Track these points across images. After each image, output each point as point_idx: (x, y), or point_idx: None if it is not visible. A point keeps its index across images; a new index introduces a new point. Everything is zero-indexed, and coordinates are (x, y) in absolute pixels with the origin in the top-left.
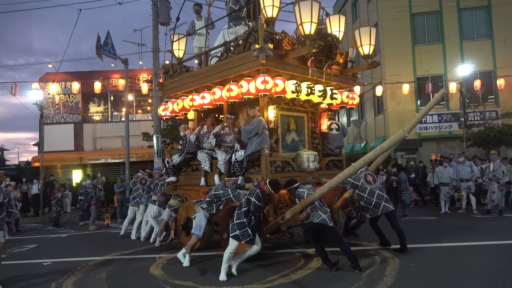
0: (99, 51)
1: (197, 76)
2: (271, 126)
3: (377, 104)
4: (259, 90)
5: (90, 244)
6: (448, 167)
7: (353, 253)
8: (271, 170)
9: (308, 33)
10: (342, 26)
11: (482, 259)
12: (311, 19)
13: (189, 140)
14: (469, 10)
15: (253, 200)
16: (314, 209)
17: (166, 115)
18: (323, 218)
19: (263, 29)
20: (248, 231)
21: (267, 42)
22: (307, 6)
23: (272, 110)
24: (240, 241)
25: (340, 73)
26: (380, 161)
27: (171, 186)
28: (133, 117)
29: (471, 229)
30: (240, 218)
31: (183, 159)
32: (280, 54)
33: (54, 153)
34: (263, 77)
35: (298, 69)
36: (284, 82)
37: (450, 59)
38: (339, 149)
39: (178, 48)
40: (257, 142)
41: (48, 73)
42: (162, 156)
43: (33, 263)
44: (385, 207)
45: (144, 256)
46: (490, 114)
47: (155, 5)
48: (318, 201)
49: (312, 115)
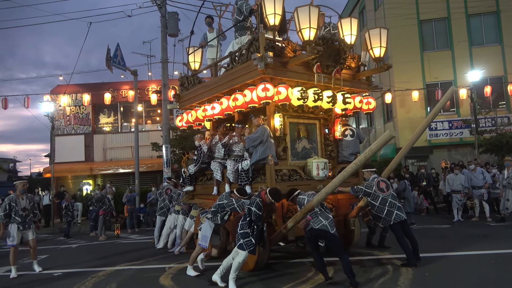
0: (109, 63)
1: (208, 87)
2: (277, 134)
3: (386, 111)
4: (260, 98)
5: (100, 254)
6: (459, 174)
7: (351, 268)
8: (276, 179)
9: (307, 39)
10: (354, 29)
11: (496, 269)
12: (309, 25)
13: (203, 150)
14: (478, 16)
15: (254, 210)
16: (314, 215)
17: (183, 125)
18: (324, 224)
19: (264, 37)
20: (251, 240)
21: (268, 50)
22: (305, 12)
23: (278, 118)
24: (244, 250)
25: (353, 77)
26: (393, 167)
27: (189, 196)
28: (143, 128)
29: (485, 238)
30: (243, 228)
31: (198, 169)
32: (282, 62)
33: (65, 164)
34: (263, 85)
35: (303, 76)
36: (287, 89)
37: (460, 65)
38: (354, 156)
39: (194, 60)
40: (261, 151)
41: (59, 85)
42: (171, 166)
43: (43, 274)
44: (397, 216)
45: (154, 267)
46: (502, 120)
47: (163, 17)
48: (319, 207)
49: (325, 121)
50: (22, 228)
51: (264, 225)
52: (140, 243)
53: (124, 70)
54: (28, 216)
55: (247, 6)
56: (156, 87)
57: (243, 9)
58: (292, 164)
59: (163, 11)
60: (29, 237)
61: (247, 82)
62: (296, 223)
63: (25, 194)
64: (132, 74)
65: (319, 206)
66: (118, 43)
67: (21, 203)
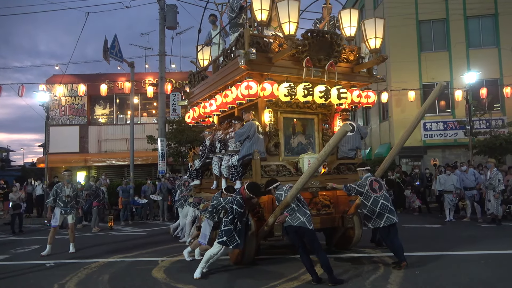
0: (106, 54)
1: (208, 84)
2: (267, 129)
3: (382, 110)
4: (244, 95)
5: (93, 246)
6: (452, 175)
7: (329, 264)
8: (262, 174)
9: (288, 33)
10: (354, 21)
11: (487, 269)
12: (288, 19)
13: (206, 145)
14: (476, 18)
15: (235, 208)
16: (292, 212)
17: (191, 122)
18: (302, 220)
19: (249, 33)
20: (235, 236)
21: (253, 46)
22: (284, 6)
23: (267, 114)
24: (227, 246)
25: (351, 70)
26: (386, 166)
27: (196, 189)
28: (138, 120)
29: (475, 238)
30: (227, 226)
31: (203, 163)
32: (268, 57)
33: (59, 155)
34: (246, 82)
35: (292, 71)
36: (272, 85)
37: (456, 66)
38: (354, 152)
39: (203, 58)
40: (247, 146)
41: (55, 75)
42: (166, 159)
43: (36, 264)
44: (388, 219)
45: (147, 259)
46: (496, 123)
47: (162, 10)
48: (296, 202)
49: (324, 116)
50: (64, 212)
51: (249, 220)
52: (133, 235)
53: (121, 62)
54: (70, 202)
55: (237, 3)
56: (153, 79)
57: (234, 7)
58: (286, 159)
59: (162, 3)
60: (69, 221)
61: (236, 78)
62: (276, 219)
63: (70, 183)
64: (129, 66)
65: (295, 201)
66: (115, 35)
67: (65, 191)
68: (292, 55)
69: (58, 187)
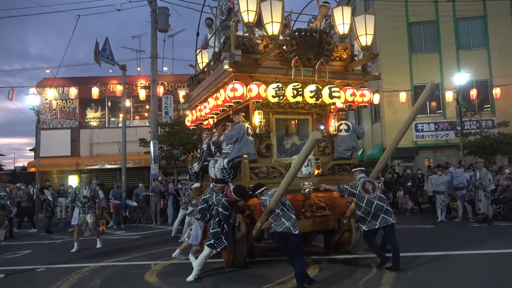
0: (97, 56)
1: (203, 87)
2: (257, 131)
3: (374, 112)
4: (230, 97)
5: (84, 250)
6: (443, 175)
7: (303, 273)
8: (251, 177)
9: (271, 33)
10: (346, 18)
11: (479, 268)
12: (271, 19)
13: (203, 148)
14: (465, 20)
15: (220, 210)
16: (277, 217)
17: (191, 125)
18: (287, 226)
19: (235, 35)
20: (222, 239)
21: (239, 48)
22: (267, 6)
23: (257, 115)
24: (215, 249)
25: (345, 69)
26: (381, 167)
27: (197, 192)
28: (130, 123)
29: (466, 238)
30: (214, 228)
31: (202, 166)
32: (255, 59)
33: (50, 159)
34: (232, 84)
35: (280, 71)
36: (258, 87)
37: (447, 68)
38: (350, 152)
39: (202, 61)
40: (237, 148)
41: (46, 78)
42: (159, 162)
43: (26, 269)
44: (384, 220)
45: (140, 263)
46: (486, 123)
47: (154, 12)
48: (280, 207)
49: (319, 116)
50: (82, 212)
51: (237, 222)
52: (125, 239)
53: (113, 65)
54: (88, 203)
55: (225, 6)
56: (145, 82)
57: (223, 9)
58: (279, 161)
59: (154, 6)
60: (88, 220)
61: (225, 81)
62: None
63: (88, 185)
64: (120, 69)
65: (280, 206)
66: (107, 37)
67: (83, 192)
68: (280, 55)
69: (76, 189)
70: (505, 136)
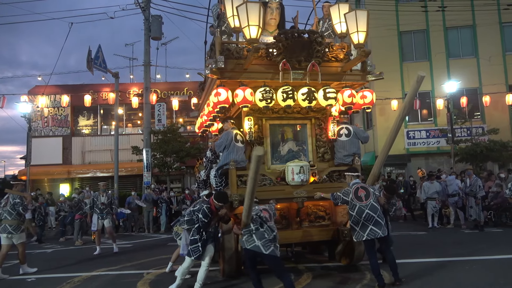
0: (90, 64)
1: (204, 94)
2: (247, 138)
3: (366, 119)
4: (215, 103)
5: (76, 259)
6: (435, 182)
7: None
8: (238, 185)
9: (249, 37)
10: (342, 16)
11: (471, 274)
12: (248, 23)
13: (207, 155)
14: (455, 29)
15: (200, 217)
16: (248, 233)
17: (199, 131)
18: (256, 244)
19: (220, 41)
20: (198, 247)
21: (223, 53)
22: (243, 10)
23: (247, 122)
24: (190, 256)
25: (342, 69)
26: (377, 173)
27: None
28: (123, 131)
29: (459, 244)
30: (193, 235)
31: (208, 173)
32: (240, 64)
33: (41, 167)
34: (215, 90)
35: (267, 75)
36: (244, 91)
37: (437, 76)
38: (351, 157)
39: None
40: (224, 156)
41: (37, 85)
42: (151, 170)
43: (16, 280)
44: (372, 232)
45: (132, 272)
46: (477, 130)
47: (147, 20)
48: (256, 225)
49: (318, 121)
50: (100, 218)
51: (219, 231)
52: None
53: (106, 72)
54: (105, 209)
55: (215, 12)
56: (138, 90)
57: (214, 15)
58: (273, 168)
59: (147, 14)
60: (106, 225)
61: (214, 87)
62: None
63: (105, 192)
64: (113, 77)
65: (256, 224)
66: (99, 45)
67: (100, 199)
68: (268, 59)
69: (94, 196)
70: (495, 143)
